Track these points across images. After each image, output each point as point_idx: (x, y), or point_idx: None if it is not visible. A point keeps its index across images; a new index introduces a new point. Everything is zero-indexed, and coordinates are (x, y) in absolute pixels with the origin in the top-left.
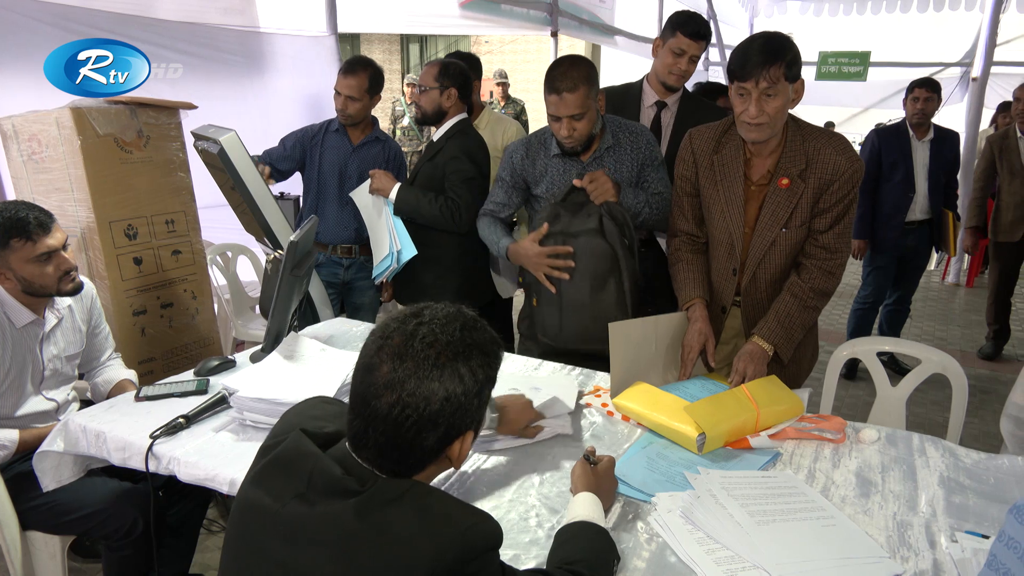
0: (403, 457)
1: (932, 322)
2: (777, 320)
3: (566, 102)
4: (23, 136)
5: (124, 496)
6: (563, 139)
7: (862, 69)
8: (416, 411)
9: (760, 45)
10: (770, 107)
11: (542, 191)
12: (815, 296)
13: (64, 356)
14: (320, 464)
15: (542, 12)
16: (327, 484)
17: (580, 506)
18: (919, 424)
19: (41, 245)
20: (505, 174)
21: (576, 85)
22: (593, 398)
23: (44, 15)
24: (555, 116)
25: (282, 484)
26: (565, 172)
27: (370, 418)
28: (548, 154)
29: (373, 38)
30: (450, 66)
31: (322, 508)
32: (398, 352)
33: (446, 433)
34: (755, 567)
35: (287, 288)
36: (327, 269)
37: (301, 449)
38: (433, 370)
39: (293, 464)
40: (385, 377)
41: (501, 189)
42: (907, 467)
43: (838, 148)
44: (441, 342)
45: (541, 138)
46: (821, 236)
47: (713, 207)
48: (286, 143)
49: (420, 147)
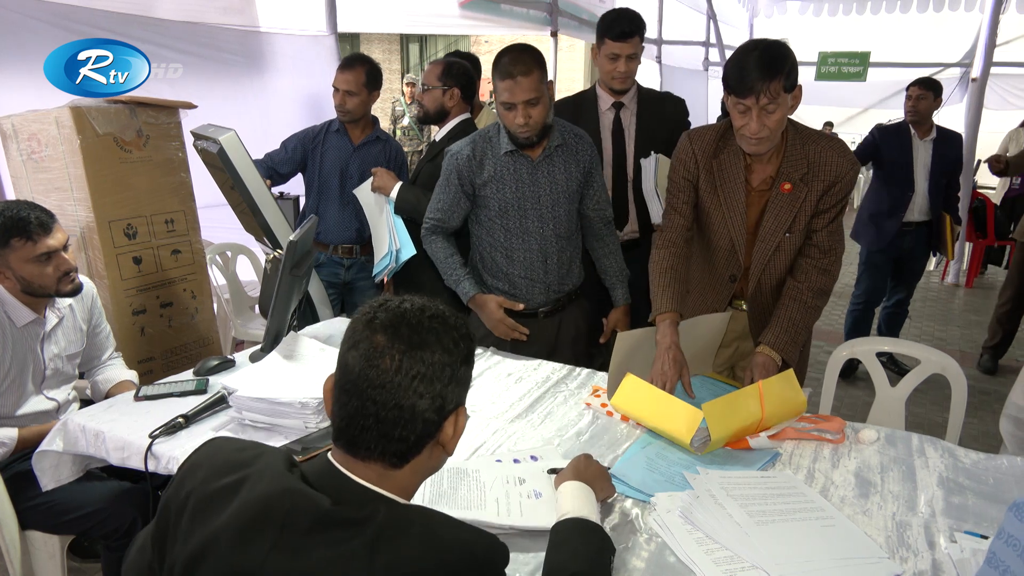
0: (405, 432)
1: (931, 322)
2: (781, 327)
3: (521, 86)
4: (23, 135)
5: (123, 496)
6: (518, 128)
7: (862, 69)
8: (417, 373)
9: (757, 60)
10: (771, 121)
11: (490, 192)
12: (815, 296)
13: (65, 355)
14: (299, 499)
15: (542, 12)
16: (312, 520)
17: (570, 499)
18: (918, 424)
19: (41, 245)
20: (450, 181)
21: (530, 69)
22: (593, 398)
23: (44, 15)
24: (509, 103)
25: (252, 537)
26: (516, 171)
27: (368, 390)
28: (497, 152)
29: (373, 38)
30: (454, 66)
31: (309, 552)
32: (391, 322)
33: (444, 401)
34: (754, 567)
35: (286, 288)
36: (328, 269)
37: (273, 489)
38: (427, 334)
39: (262, 513)
40: (381, 345)
41: (446, 195)
42: (906, 467)
43: (839, 151)
44: (428, 313)
45: (486, 136)
46: (815, 235)
47: (713, 212)
48: (287, 146)
49: (420, 147)
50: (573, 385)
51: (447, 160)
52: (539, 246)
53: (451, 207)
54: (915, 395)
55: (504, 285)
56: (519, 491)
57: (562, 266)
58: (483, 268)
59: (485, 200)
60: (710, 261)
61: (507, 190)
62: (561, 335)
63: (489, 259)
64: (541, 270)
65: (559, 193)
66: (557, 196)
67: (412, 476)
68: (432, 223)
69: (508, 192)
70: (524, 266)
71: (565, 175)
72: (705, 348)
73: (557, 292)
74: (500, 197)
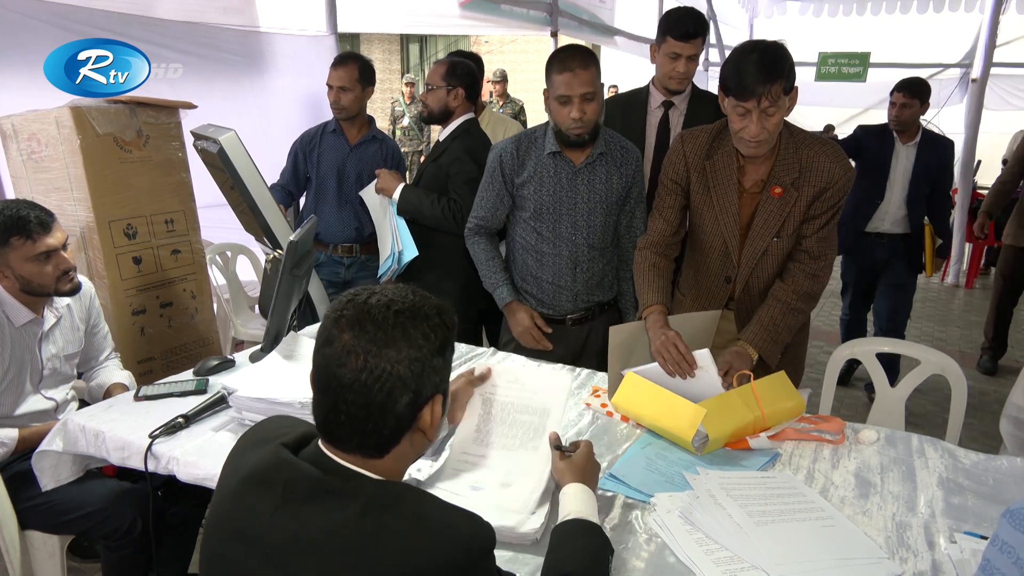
0: (379, 426)
1: (931, 323)
2: (761, 325)
3: (580, 78)
4: (22, 135)
5: (123, 496)
6: (571, 124)
7: (862, 70)
8: (383, 372)
9: (757, 62)
10: (770, 123)
11: (528, 192)
12: (799, 299)
13: (63, 355)
14: (294, 471)
15: (542, 12)
16: (307, 490)
17: (572, 501)
18: (918, 425)
19: (41, 244)
20: (494, 178)
21: (588, 63)
22: (593, 398)
23: (44, 15)
24: (565, 97)
25: (256, 503)
26: (556, 173)
27: (338, 390)
28: (541, 153)
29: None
30: (458, 66)
31: (307, 519)
32: (356, 319)
33: (416, 394)
34: (754, 567)
35: (286, 288)
36: (328, 268)
37: (271, 461)
38: (393, 330)
39: (265, 478)
40: (347, 344)
41: (489, 193)
42: (906, 468)
43: (832, 156)
44: (395, 306)
45: (532, 136)
46: (805, 240)
47: (706, 214)
48: (296, 164)
49: (420, 147)
50: (573, 385)
51: (492, 154)
52: (570, 253)
53: (494, 205)
54: (915, 396)
55: (532, 288)
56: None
57: (592, 276)
58: (514, 269)
59: (522, 200)
60: (705, 263)
61: (545, 192)
62: (589, 344)
63: (520, 261)
64: (570, 277)
65: (596, 202)
66: (594, 204)
67: (395, 463)
68: (476, 222)
69: (545, 194)
70: (553, 271)
71: (605, 184)
72: (696, 345)
73: (586, 302)
74: (537, 198)
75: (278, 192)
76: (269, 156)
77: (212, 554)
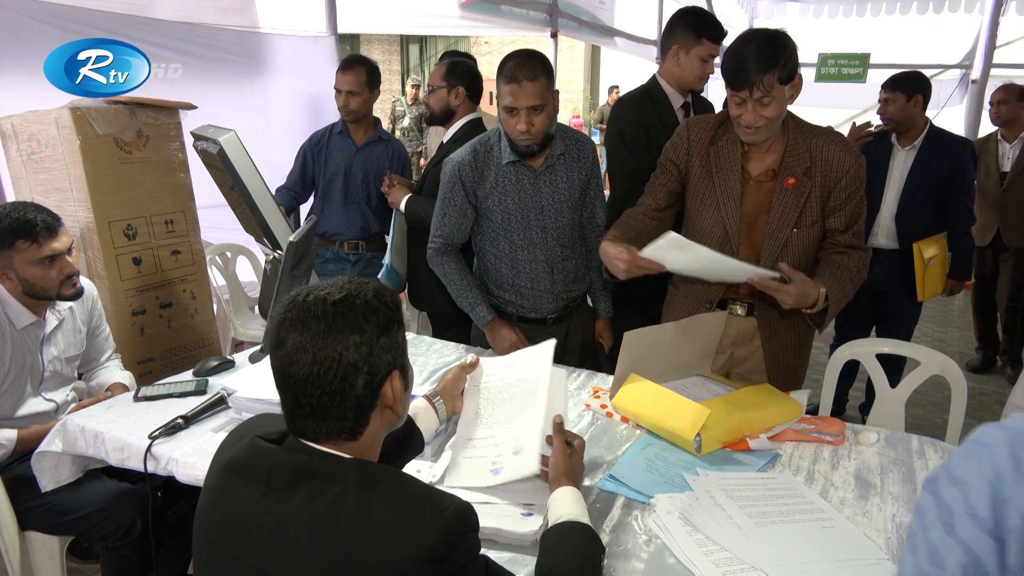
0: (343, 411)
1: (931, 324)
2: (831, 273)
3: (526, 91)
4: (22, 136)
5: (123, 496)
6: (519, 135)
7: (862, 71)
8: (333, 361)
9: (754, 51)
10: (767, 112)
11: (493, 204)
12: (858, 273)
13: (64, 357)
14: (276, 458)
15: (542, 13)
16: (290, 475)
17: (562, 504)
18: (918, 426)
19: (46, 248)
20: (455, 193)
21: (536, 74)
22: (593, 399)
23: (44, 15)
24: (511, 108)
25: (241, 492)
26: (518, 181)
27: (296, 386)
28: (499, 162)
29: (373, 38)
30: (457, 64)
31: (293, 503)
32: (299, 319)
33: (370, 375)
34: (753, 568)
35: (286, 288)
36: (335, 266)
37: (251, 451)
38: (335, 321)
39: (249, 467)
40: (295, 344)
41: (451, 209)
42: (906, 469)
43: (839, 144)
44: (332, 298)
45: (487, 145)
46: (841, 236)
47: (707, 199)
48: (305, 165)
49: (420, 148)
50: (573, 386)
51: (448, 169)
52: (545, 256)
53: (458, 221)
54: (915, 396)
55: (511, 295)
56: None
57: (568, 273)
58: (488, 279)
59: (488, 212)
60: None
61: (510, 201)
62: (569, 341)
63: (494, 270)
64: (548, 280)
65: (562, 202)
66: (560, 205)
67: (370, 441)
68: (441, 242)
69: (511, 203)
70: (531, 277)
71: (567, 183)
72: (704, 348)
73: (565, 299)
74: (503, 208)
75: (283, 195)
76: (269, 156)
77: (203, 547)
